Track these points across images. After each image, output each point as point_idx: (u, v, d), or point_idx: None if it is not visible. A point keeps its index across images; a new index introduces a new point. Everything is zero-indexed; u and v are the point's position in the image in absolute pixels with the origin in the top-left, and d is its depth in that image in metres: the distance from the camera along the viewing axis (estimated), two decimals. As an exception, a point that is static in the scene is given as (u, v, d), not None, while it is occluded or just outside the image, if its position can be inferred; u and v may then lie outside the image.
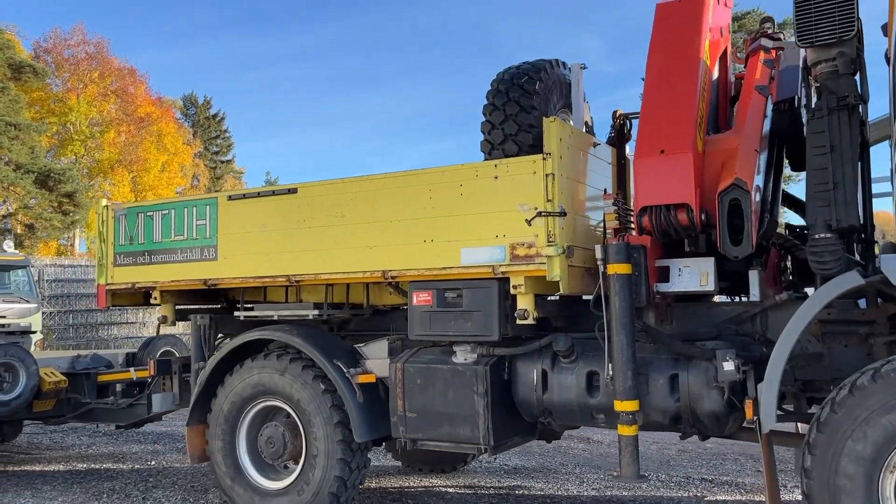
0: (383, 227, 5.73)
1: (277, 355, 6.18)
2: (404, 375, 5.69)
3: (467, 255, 5.38)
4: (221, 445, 6.38)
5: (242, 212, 6.40)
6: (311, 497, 5.92)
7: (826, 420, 4.13)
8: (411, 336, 5.71)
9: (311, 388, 5.97)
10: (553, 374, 5.33)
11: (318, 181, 6.07)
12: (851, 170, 4.55)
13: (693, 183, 4.73)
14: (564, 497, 7.01)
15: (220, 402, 6.41)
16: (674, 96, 4.95)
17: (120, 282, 7.08)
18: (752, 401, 4.52)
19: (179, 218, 6.74)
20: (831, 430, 4.11)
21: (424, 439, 5.66)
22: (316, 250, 6.02)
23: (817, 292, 4.44)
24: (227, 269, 6.46)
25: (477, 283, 5.40)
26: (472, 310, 5.40)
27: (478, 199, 5.36)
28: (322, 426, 5.90)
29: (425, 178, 5.60)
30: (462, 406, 5.44)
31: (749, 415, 4.53)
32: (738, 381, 4.64)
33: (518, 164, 5.25)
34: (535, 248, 5.13)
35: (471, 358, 5.50)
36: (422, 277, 5.59)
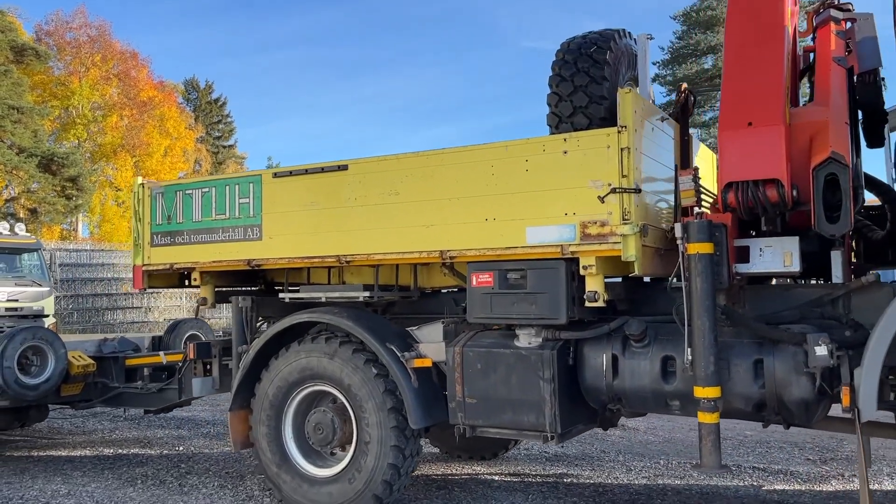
0: (441, 205, 5.46)
1: (326, 338, 5.92)
2: (463, 360, 5.44)
3: (533, 235, 5.12)
4: (266, 431, 6.13)
5: (288, 190, 6.12)
6: (364, 485, 5.68)
7: None
8: (470, 319, 5.45)
9: (362, 372, 5.72)
10: (624, 359, 5.08)
11: (371, 157, 5.79)
12: None
13: (785, 157, 4.47)
14: (616, 486, 6.79)
15: (264, 386, 6.16)
16: (760, 64, 4.67)
17: (157, 262, 6.81)
18: (849, 388, 4.27)
19: (221, 196, 6.46)
20: None
21: (485, 426, 5.42)
22: (368, 229, 5.75)
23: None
24: (272, 249, 6.19)
25: (543, 264, 5.14)
26: (537, 292, 5.14)
27: (545, 175, 5.09)
28: (374, 412, 5.65)
29: (487, 154, 5.32)
30: (526, 392, 5.19)
31: (846, 402, 4.29)
32: (831, 368, 4.40)
33: (590, 137, 4.97)
34: (608, 227, 4.86)
35: (535, 342, 5.24)
36: (483, 258, 5.33)
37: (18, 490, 7.16)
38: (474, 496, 6.51)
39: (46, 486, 7.31)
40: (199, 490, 6.96)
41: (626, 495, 6.46)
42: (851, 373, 4.29)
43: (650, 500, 6.29)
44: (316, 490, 5.91)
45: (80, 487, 7.22)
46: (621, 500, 6.34)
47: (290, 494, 6.01)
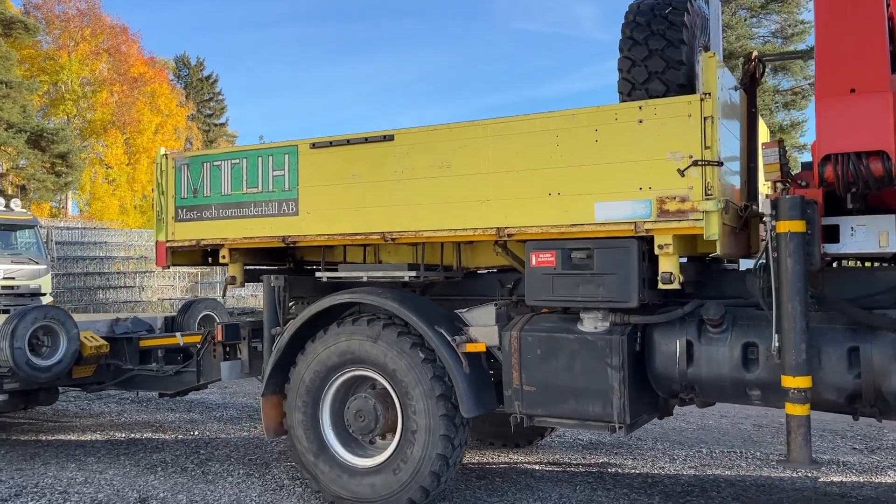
0: (498, 178, 5.06)
1: (368, 320, 5.52)
2: (521, 345, 5.06)
3: (603, 211, 4.73)
4: (303, 419, 5.75)
5: (328, 161, 5.70)
6: (410, 476, 5.31)
7: None
8: (529, 301, 5.08)
9: (408, 357, 5.33)
10: (700, 346, 4.72)
11: (420, 127, 5.37)
12: None
13: (892, 127, 4.09)
14: (664, 476, 6.46)
15: (300, 371, 5.77)
16: (860, 25, 4.28)
17: (182, 239, 6.38)
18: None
19: (252, 168, 6.02)
20: None
21: (544, 415, 5.06)
22: (417, 204, 5.34)
23: None
24: (309, 224, 5.77)
25: (612, 243, 4.76)
26: (605, 272, 4.77)
27: (617, 146, 4.69)
28: (422, 399, 5.28)
29: (552, 123, 4.91)
30: (592, 380, 4.82)
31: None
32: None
33: (669, 105, 4.58)
34: (689, 203, 4.48)
35: (602, 326, 4.87)
36: (545, 236, 4.94)
37: (31, 477, 6.76)
38: (518, 487, 6.17)
39: (61, 472, 6.91)
40: (225, 479, 6.58)
41: (677, 486, 6.14)
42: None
43: (705, 493, 5.97)
44: (357, 481, 5.54)
45: (97, 475, 6.82)
46: (674, 492, 6.01)
47: (328, 485, 5.64)
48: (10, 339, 6.92)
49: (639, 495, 5.90)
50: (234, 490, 6.24)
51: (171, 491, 6.25)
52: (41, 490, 6.38)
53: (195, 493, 6.19)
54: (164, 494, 6.17)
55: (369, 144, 5.52)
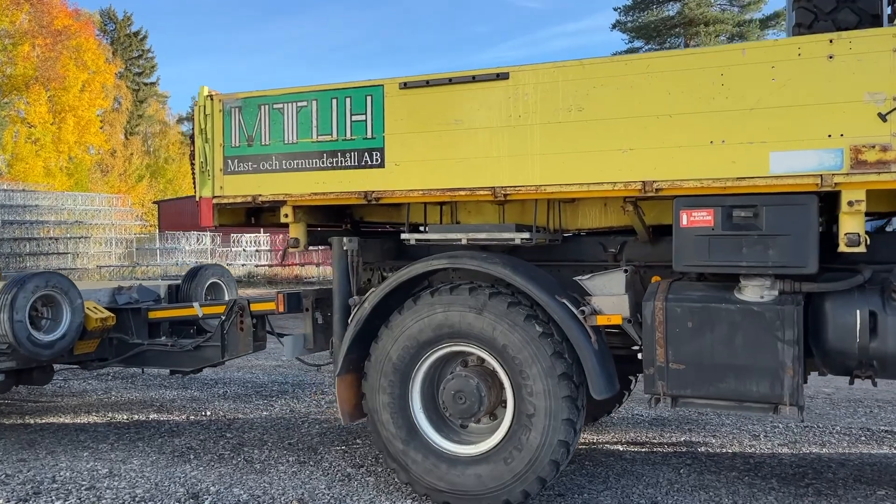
0: (645, 124, 4.32)
1: (470, 289, 4.74)
2: (667, 317, 4.38)
3: (779, 162, 4.05)
4: (389, 400, 4.95)
5: (422, 104, 4.83)
6: (526, 466, 4.60)
7: None
8: (678, 267, 4.38)
9: (522, 331, 4.59)
10: (886, 317, 4.14)
11: (542, 64, 4.57)
12: None
13: None
14: (765, 456, 5.94)
15: (384, 347, 4.95)
16: None
17: (233, 195, 5.41)
18: None
19: (324, 112, 5.10)
20: None
21: (693, 397, 4.40)
22: (538, 154, 4.56)
23: None
24: (398, 178, 4.91)
25: (785, 199, 4.10)
26: (776, 233, 4.11)
27: (799, 86, 4.01)
28: (541, 378, 4.55)
29: (716, 59, 4.18)
30: (759, 356, 4.18)
31: None
32: None
33: (867, 38, 3.91)
34: (891, 153, 3.85)
35: (769, 295, 4.23)
36: (703, 191, 4.24)
37: (42, 469, 5.76)
38: (615, 471, 5.54)
39: (76, 463, 5.93)
40: (276, 468, 5.74)
41: (785, 468, 5.62)
42: None
43: (819, 474, 5.46)
44: (458, 471, 4.80)
45: (120, 465, 5.87)
46: (785, 474, 5.49)
47: (421, 476, 4.88)
48: (10, 311, 5.86)
49: (752, 478, 5.35)
50: (294, 482, 5.40)
51: (222, 484, 5.38)
52: (63, 486, 5.41)
53: (251, 486, 5.33)
54: (217, 488, 5.29)
55: (477, 84, 4.69)
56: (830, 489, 5.11)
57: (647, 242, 5.11)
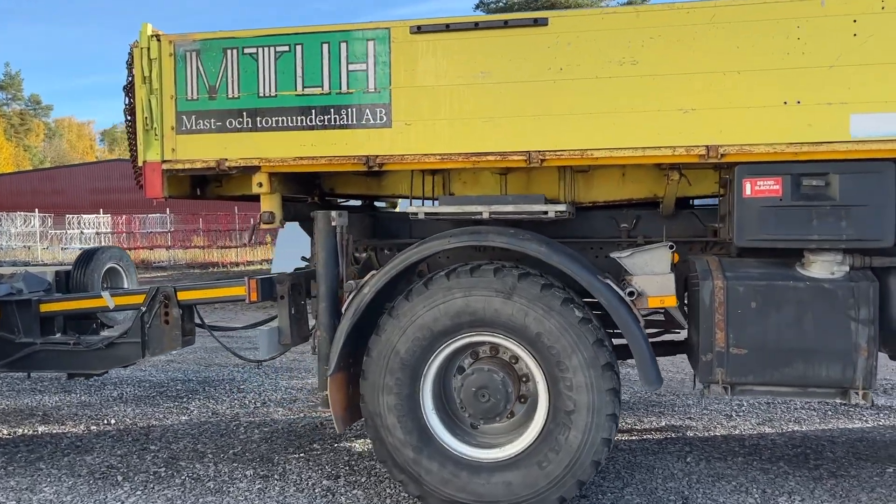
0: (709, 81, 3.74)
1: (495, 270, 4.00)
2: (729, 297, 3.86)
3: (861, 125, 3.61)
4: (396, 402, 4.12)
5: (440, 53, 4.00)
6: (565, 469, 3.94)
7: None
8: (740, 242, 3.86)
9: (559, 316, 3.91)
10: (958, 292, 3.83)
11: (589, 10, 3.88)
12: None
13: None
14: (754, 437, 5.63)
15: (389, 339, 4.11)
16: None
17: (190, 158, 4.32)
18: None
19: (312, 60, 4.14)
20: None
21: (756, 383, 3.91)
22: (583, 114, 3.87)
23: None
24: (409, 140, 4.06)
25: (861, 167, 3.68)
26: (851, 204, 3.69)
27: (884, 41, 3.57)
28: (582, 370, 3.90)
29: (790, 10, 3.67)
30: (830, 338, 3.75)
31: None
32: None
33: (961, -8, 3.54)
34: (982, 116, 3.51)
35: (839, 271, 3.81)
36: (776, 157, 3.74)
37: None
38: (623, 465, 5.01)
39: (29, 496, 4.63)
40: (235, 485, 4.74)
41: (787, 449, 5.32)
42: None
43: (819, 453, 5.20)
44: (483, 480, 4.06)
45: (29, 494, 4.66)
46: (785, 454, 5.19)
47: (437, 488, 4.09)
48: None
49: (761, 462, 5.00)
50: (267, 501, 4.45)
51: (179, 512, 4.33)
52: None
53: (216, 512, 4.33)
54: (175, 519, 4.24)
55: (510, 30, 3.92)
56: (842, 469, 4.85)
57: (669, 217, 4.59)
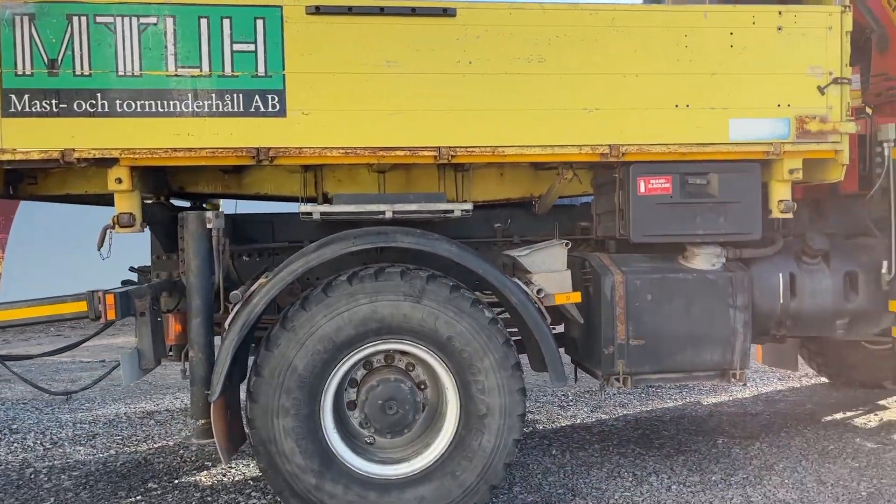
0: (611, 82, 3.79)
1: (401, 273, 3.70)
2: (628, 291, 3.94)
3: (739, 129, 3.90)
4: (294, 424, 3.62)
5: (342, 38, 3.59)
6: (479, 476, 3.76)
7: None
8: (635, 237, 3.96)
9: (470, 318, 3.72)
10: (803, 278, 4.27)
11: (499, 3, 3.73)
12: None
13: None
14: (596, 423, 5.87)
15: (284, 355, 3.60)
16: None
17: (22, 148, 3.41)
18: None
19: (188, 35, 3.49)
20: None
21: (651, 372, 4.03)
22: (494, 110, 3.72)
23: None
24: (307, 131, 3.58)
25: (736, 167, 3.98)
26: (728, 201, 3.97)
27: (755, 54, 3.88)
28: (493, 372, 3.75)
29: (681, 19, 3.84)
30: (712, 325, 4.00)
31: None
32: None
33: (810, 14, 3.93)
34: (829, 124, 3.94)
35: (718, 263, 4.07)
36: (670, 156, 3.89)
37: None
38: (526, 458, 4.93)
39: None
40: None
41: (631, 433, 5.62)
42: None
43: (659, 433, 5.57)
44: (394, 498, 3.72)
45: None
46: (635, 437, 5.49)
47: (343, 514, 3.69)
48: None
49: (615, 446, 5.19)
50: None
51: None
52: None
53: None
54: None
55: (418, 19, 3.64)
56: (683, 445, 5.22)
57: (540, 216, 4.62)
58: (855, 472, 4.63)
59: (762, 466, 4.74)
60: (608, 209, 4.24)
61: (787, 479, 4.51)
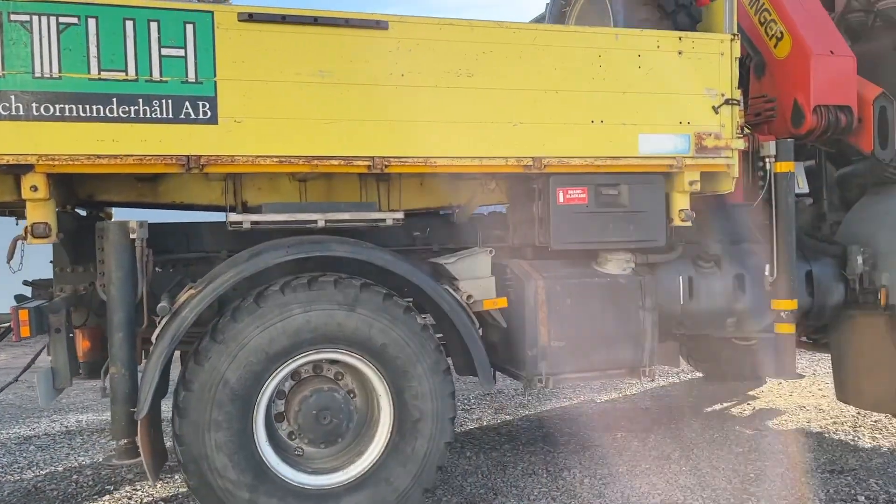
0: (534, 98, 3.96)
1: (335, 282, 3.69)
2: (548, 296, 4.12)
3: (647, 143, 4.17)
4: (227, 439, 3.51)
5: (276, 46, 3.53)
6: (412, 480, 3.81)
7: None
8: (555, 244, 4.15)
9: (403, 326, 3.77)
10: (701, 280, 4.61)
11: (427, 18, 3.80)
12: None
13: (855, 86, 4.69)
14: (501, 425, 6.05)
15: (215, 368, 3.49)
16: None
17: (-75, 152, 3.10)
18: (886, 289, 4.79)
19: (112, 37, 3.30)
20: None
21: (571, 372, 4.22)
22: (426, 122, 3.78)
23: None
24: (240, 140, 3.49)
25: (644, 178, 4.26)
26: (637, 210, 4.25)
27: (660, 75, 4.17)
28: (426, 377, 3.82)
29: (595, 40, 4.07)
30: (625, 325, 4.25)
31: (884, 301, 4.79)
32: (862, 274, 4.86)
33: (705, 41, 4.27)
34: (723, 140, 4.31)
35: (628, 268, 4.33)
36: (587, 168, 4.10)
37: None
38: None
39: None
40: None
41: (522, 434, 5.84)
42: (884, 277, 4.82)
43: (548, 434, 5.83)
44: (328, 509, 3.70)
45: None
46: (532, 438, 5.71)
47: (278, 528, 3.61)
48: None
49: (523, 445, 5.39)
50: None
51: None
52: None
53: None
54: None
55: (351, 30, 3.65)
56: (587, 440, 5.46)
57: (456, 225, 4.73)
58: (741, 456, 5.05)
59: (660, 456, 5.08)
60: (525, 218, 4.41)
61: (684, 466, 4.85)
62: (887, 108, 4.72)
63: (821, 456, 5.03)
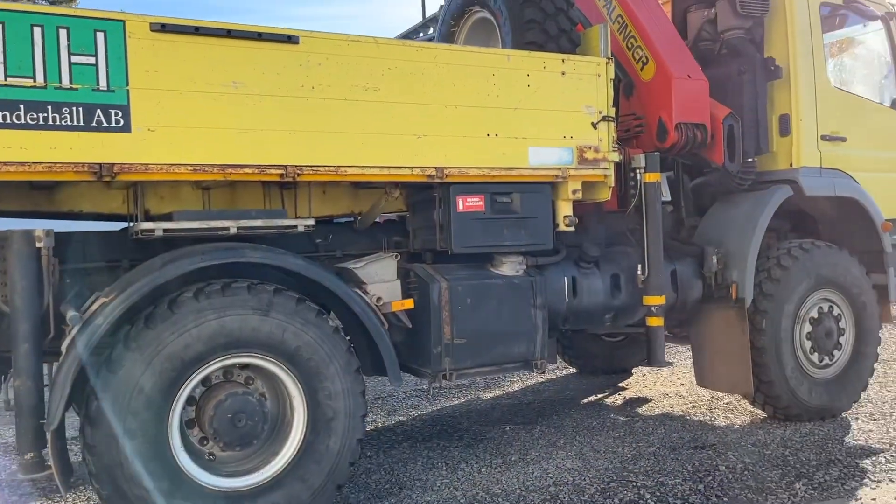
0: (436, 112, 4.20)
1: (248, 287, 3.76)
2: (451, 297, 4.36)
3: (536, 156, 4.52)
4: (140, 446, 3.49)
5: (189, 57, 3.55)
6: (326, 477, 3.93)
7: None
8: (456, 248, 4.40)
9: (316, 328, 3.89)
10: (582, 280, 5.01)
11: (336, 34, 3.94)
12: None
13: (708, 107, 5.27)
14: (431, 418, 6.23)
15: (129, 376, 3.47)
16: (666, 25, 5.32)
17: None
18: (736, 284, 5.41)
19: (19, 43, 3.21)
20: None
21: (472, 367, 4.47)
22: (336, 132, 3.92)
23: (771, 202, 5.53)
24: (153, 148, 3.48)
25: (533, 188, 4.61)
26: (528, 216, 4.60)
27: (546, 93, 4.54)
28: (339, 377, 3.96)
29: (489, 60, 4.36)
30: (520, 322, 4.57)
31: (735, 295, 5.40)
32: (717, 272, 5.46)
33: (584, 63, 4.68)
34: (601, 153, 4.74)
35: (521, 269, 4.65)
36: (485, 178, 4.39)
37: None
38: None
39: None
40: None
41: (453, 431, 6.06)
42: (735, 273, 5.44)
43: (482, 424, 6.09)
44: (246, 511, 3.75)
45: None
46: (457, 434, 5.94)
47: (196, 533, 3.62)
48: None
49: (421, 442, 5.59)
50: None
51: None
52: None
53: None
54: None
55: (263, 43, 3.73)
56: (480, 434, 5.76)
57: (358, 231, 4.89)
58: (618, 440, 5.52)
59: (548, 444, 5.45)
60: (425, 224, 4.64)
61: (570, 452, 5.24)
62: (734, 127, 5.35)
63: (685, 435, 5.58)
